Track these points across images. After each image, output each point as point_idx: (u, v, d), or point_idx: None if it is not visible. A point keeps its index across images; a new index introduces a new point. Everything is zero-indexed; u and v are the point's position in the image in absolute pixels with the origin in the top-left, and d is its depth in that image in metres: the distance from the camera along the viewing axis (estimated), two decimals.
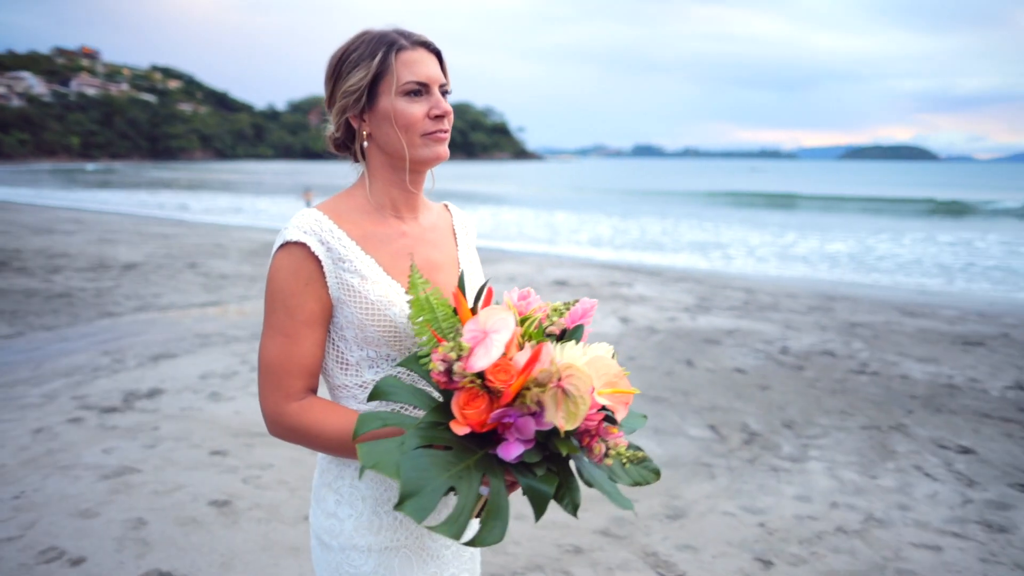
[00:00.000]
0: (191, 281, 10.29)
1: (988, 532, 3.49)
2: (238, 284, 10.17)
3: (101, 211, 24.74)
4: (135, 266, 11.54)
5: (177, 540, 3.23)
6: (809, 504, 3.76)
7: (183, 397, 5.22)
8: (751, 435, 4.77)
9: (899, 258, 16.53)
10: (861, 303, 9.89)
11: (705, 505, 3.70)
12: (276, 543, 3.25)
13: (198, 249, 14.02)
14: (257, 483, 3.84)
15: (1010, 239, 20.76)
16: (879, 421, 5.05)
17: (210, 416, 4.84)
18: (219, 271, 11.29)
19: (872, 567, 3.15)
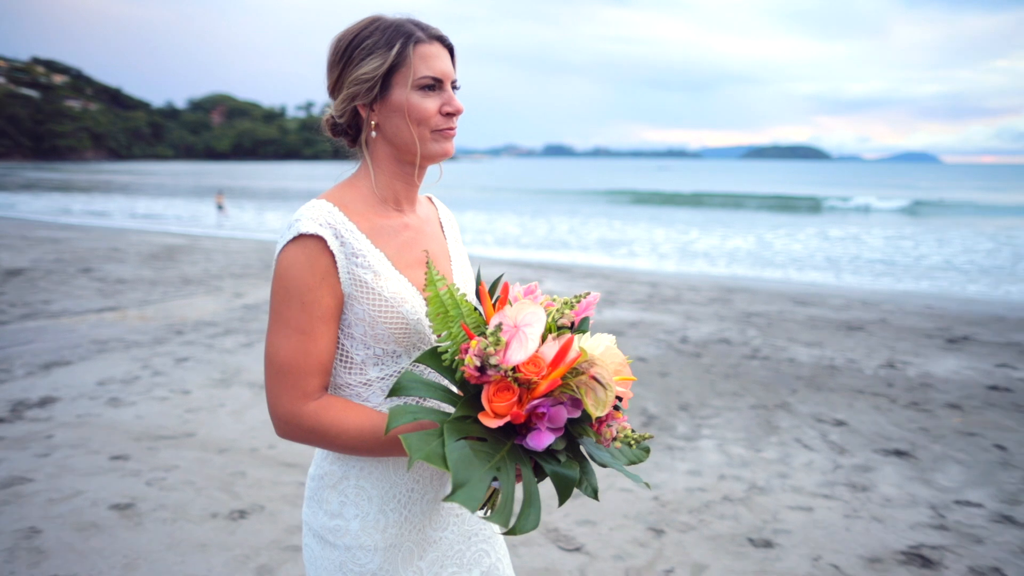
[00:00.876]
0: (85, 286, 9.81)
1: (852, 492, 3.87)
2: (138, 288, 9.77)
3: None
4: (20, 272, 10.88)
5: (76, 546, 3.16)
6: (699, 477, 4.05)
7: (79, 404, 5.03)
8: (649, 418, 5.05)
9: (793, 252, 17.60)
10: (758, 294, 10.52)
11: (604, 484, 3.92)
12: (183, 541, 3.23)
13: (92, 253, 13.34)
14: (162, 485, 3.78)
15: (892, 234, 22.44)
16: (766, 400, 5.44)
17: (109, 422, 4.69)
18: (116, 276, 10.80)
19: (752, 529, 3.45)
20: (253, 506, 3.59)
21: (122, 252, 13.69)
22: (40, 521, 3.36)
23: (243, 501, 3.64)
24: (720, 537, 3.38)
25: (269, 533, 3.34)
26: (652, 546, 3.30)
